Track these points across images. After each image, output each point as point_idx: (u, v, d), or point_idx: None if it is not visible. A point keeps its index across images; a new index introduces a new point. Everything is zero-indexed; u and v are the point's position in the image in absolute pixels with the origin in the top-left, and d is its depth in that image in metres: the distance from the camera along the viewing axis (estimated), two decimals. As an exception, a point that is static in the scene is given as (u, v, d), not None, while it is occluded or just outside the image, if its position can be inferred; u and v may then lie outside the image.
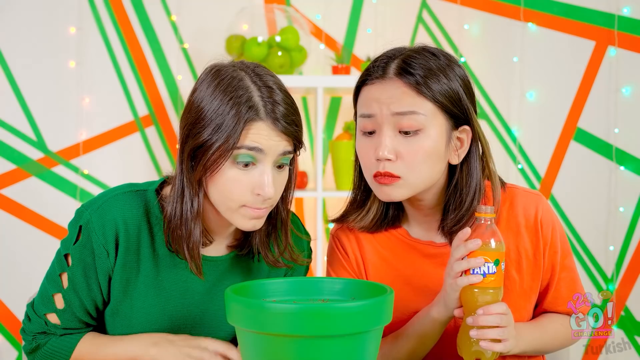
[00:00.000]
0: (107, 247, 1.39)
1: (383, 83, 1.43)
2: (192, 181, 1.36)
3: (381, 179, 1.43)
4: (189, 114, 1.37)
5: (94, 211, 1.40)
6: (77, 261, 1.40)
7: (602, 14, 2.91)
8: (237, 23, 3.00)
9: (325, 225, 3.17)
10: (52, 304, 1.44)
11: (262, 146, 1.33)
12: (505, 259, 1.38)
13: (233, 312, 1.19)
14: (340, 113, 3.23)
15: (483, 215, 1.35)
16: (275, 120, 1.33)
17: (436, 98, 1.42)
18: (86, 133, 3.07)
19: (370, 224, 1.56)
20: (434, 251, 1.54)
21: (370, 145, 1.45)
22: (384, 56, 1.48)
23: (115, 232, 1.39)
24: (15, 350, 3.00)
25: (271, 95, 1.34)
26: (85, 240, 1.39)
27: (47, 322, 1.44)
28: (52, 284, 1.44)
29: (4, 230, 3.00)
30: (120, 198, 1.42)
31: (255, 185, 1.35)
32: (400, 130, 1.42)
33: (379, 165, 1.43)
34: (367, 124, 1.45)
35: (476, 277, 1.33)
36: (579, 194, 2.98)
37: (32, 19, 3.01)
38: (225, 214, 1.39)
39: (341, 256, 1.60)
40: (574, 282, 1.56)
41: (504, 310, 1.34)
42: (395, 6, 3.18)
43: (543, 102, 3.04)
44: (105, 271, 1.41)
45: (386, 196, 1.45)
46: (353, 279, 1.36)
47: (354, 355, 1.16)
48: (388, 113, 1.42)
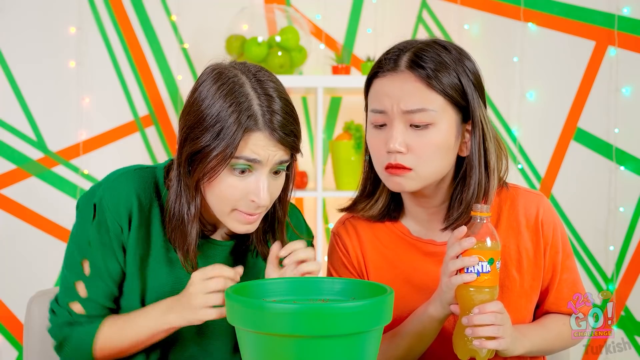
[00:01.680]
0: (120, 222, 1.40)
1: (394, 76, 1.44)
2: (189, 185, 1.37)
3: (392, 170, 1.45)
4: (188, 116, 1.37)
5: (106, 189, 1.40)
6: (95, 242, 1.40)
7: (602, 14, 2.91)
8: (237, 23, 3.00)
9: (325, 225, 3.18)
10: (75, 293, 1.42)
11: (260, 157, 1.34)
12: (502, 258, 1.38)
13: (233, 312, 1.19)
14: (340, 113, 3.23)
15: (479, 214, 1.35)
16: (273, 131, 1.33)
17: (446, 92, 1.43)
18: (86, 133, 3.07)
19: (378, 214, 1.57)
20: (434, 249, 1.54)
21: (381, 138, 1.46)
22: (395, 49, 1.48)
23: (128, 207, 1.40)
24: (15, 350, 3.00)
25: (270, 104, 1.34)
26: (100, 217, 1.40)
27: (71, 311, 1.43)
28: (73, 272, 1.43)
29: (3, 230, 3.00)
30: (131, 174, 1.43)
31: (250, 191, 1.36)
32: (411, 124, 1.43)
33: (390, 157, 1.44)
34: (378, 118, 1.46)
35: (470, 276, 1.33)
36: (579, 194, 2.98)
37: (32, 19, 3.01)
38: (219, 217, 1.40)
39: (342, 254, 1.60)
40: (575, 283, 1.56)
41: (499, 309, 1.34)
42: (395, 6, 3.18)
43: (543, 102, 3.04)
44: (120, 247, 1.41)
45: (398, 186, 1.46)
46: (353, 279, 1.36)
47: (354, 355, 1.16)
48: (399, 110, 1.43)
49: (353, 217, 1.62)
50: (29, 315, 1.69)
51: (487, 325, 1.34)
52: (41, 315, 1.69)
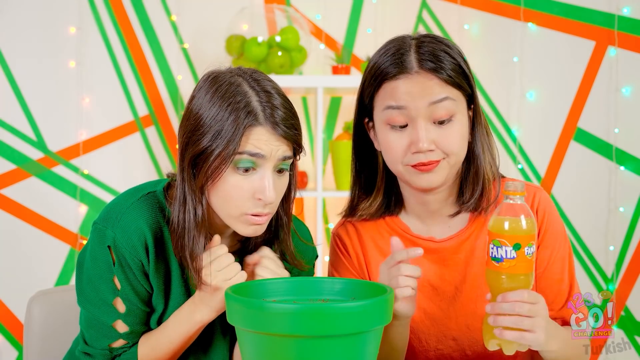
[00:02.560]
0: (139, 257, 1.38)
1: (410, 77, 1.45)
2: (194, 189, 1.36)
3: (423, 168, 1.45)
4: (187, 122, 1.37)
5: (117, 228, 1.38)
6: (123, 281, 1.39)
7: (602, 14, 2.91)
8: (237, 23, 3.00)
9: (325, 225, 3.18)
10: (115, 332, 1.42)
11: (263, 151, 1.33)
12: (533, 242, 1.28)
13: (233, 312, 1.19)
14: (340, 113, 3.23)
15: (510, 193, 1.28)
16: (275, 125, 1.33)
17: (462, 86, 1.46)
18: (86, 133, 3.07)
19: (377, 211, 1.58)
20: (434, 247, 1.54)
21: (403, 138, 1.46)
22: (393, 51, 1.48)
23: (142, 241, 1.38)
24: (15, 350, 3.00)
25: (270, 99, 1.34)
26: (120, 258, 1.38)
27: (112, 349, 1.43)
28: (106, 315, 1.41)
29: (4, 230, 3.00)
30: (135, 206, 1.40)
31: (256, 189, 1.35)
32: (435, 120, 1.44)
33: (420, 156, 1.44)
34: (396, 117, 1.46)
35: (495, 262, 1.27)
36: (579, 194, 2.98)
37: (32, 19, 3.01)
38: (226, 220, 1.39)
39: (342, 256, 1.60)
40: (572, 287, 1.54)
41: (524, 298, 1.27)
42: (395, 6, 3.18)
43: (543, 102, 3.04)
44: (144, 276, 1.41)
45: (427, 183, 1.47)
46: (353, 279, 1.36)
47: (354, 355, 1.16)
48: (423, 105, 1.43)
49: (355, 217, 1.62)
50: (29, 315, 1.69)
51: (509, 315, 1.27)
52: (41, 315, 1.69)
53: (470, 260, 1.53)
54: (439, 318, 1.54)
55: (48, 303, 1.71)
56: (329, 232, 3.13)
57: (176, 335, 1.41)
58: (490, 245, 1.28)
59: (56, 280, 3.04)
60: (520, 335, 1.28)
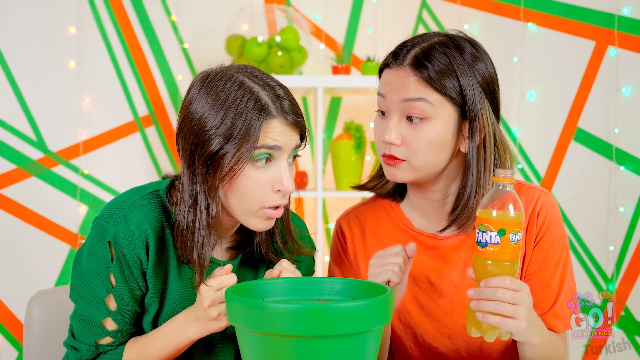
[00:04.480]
0: (139, 255, 1.38)
1: (399, 70, 1.46)
2: (207, 189, 1.35)
3: (387, 160, 1.47)
4: (190, 125, 1.35)
5: (119, 224, 1.37)
6: (119, 278, 1.39)
7: (602, 14, 2.91)
8: (237, 23, 3.00)
9: (325, 225, 3.17)
10: (103, 330, 1.41)
11: (280, 143, 1.34)
12: (519, 230, 1.28)
13: (233, 312, 1.19)
14: (340, 113, 3.23)
15: (500, 180, 1.28)
16: (287, 115, 1.35)
17: (447, 93, 1.44)
18: (86, 133, 3.07)
19: (387, 192, 1.59)
20: (435, 243, 1.55)
21: (381, 127, 1.49)
22: (408, 43, 1.49)
23: (143, 239, 1.38)
24: (15, 350, 3.00)
25: (274, 91, 1.36)
26: (119, 254, 1.37)
27: (99, 345, 1.43)
28: (97, 311, 1.40)
29: (3, 230, 3.00)
30: (139, 203, 1.40)
31: (274, 181, 1.35)
32: (408, 116, 1.44)
33: (386, 147, 1.47)
34: (380, 103, 1.49)
35: (480, 247, 1.27)
36: (579, 194, 2.98)
37: (32, 19, 3.01)
38: (241, 217, 1.38)
39: (338, 243, 1.62)
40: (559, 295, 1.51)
41: (506, 284, 1.27)
42: (395, 6, 3.18)
43: (543, 102, 3.04)
44: (141, 275, 1.40)
45: (392, 176, 1.49)
46: (353, 279, 1.36)
47: (354, 355, 1.16)
48: (397, 99, 1.44)
49: (359, 208, 1.63)
50: (29, 315, 1.69)
51: (491, 300, 1.27)
52: (41, 315, 1.69)
53: (470, 260, 1.53)
54: (435, 313, 1.54)
55: (48, 303, 1.71)
56: (329, 232, 3.13)
57: (164, 346, 1.40)
58: (477, 230, 1.29)
59: (56, 280, 3.04)
60: (502, 320, 1.27)
